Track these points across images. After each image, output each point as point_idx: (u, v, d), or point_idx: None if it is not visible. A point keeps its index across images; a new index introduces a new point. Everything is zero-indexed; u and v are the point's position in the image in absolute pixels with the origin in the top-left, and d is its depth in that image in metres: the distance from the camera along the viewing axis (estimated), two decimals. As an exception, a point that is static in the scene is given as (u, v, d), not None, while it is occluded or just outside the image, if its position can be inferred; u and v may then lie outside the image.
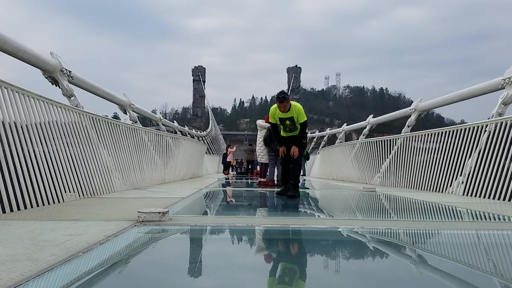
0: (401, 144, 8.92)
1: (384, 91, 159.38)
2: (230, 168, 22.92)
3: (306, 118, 5.74)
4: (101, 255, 2.00)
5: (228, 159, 21.04)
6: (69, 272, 1.66)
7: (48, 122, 4.47)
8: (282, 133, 5.92)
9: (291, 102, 5.62)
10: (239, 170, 23.99)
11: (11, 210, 3.37)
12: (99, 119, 5.94)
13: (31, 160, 3.87)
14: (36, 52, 5.58)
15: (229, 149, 21.53)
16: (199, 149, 15.16)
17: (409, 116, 9.94)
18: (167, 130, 14.64)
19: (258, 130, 9.17)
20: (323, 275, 1.80)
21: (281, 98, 5.45)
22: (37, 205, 3.78)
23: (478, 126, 6.23)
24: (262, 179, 9.02)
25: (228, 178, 14.40)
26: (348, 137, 21.67)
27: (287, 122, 5.67)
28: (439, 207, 4.71)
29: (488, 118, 6.23)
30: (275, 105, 5.63)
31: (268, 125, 8.81)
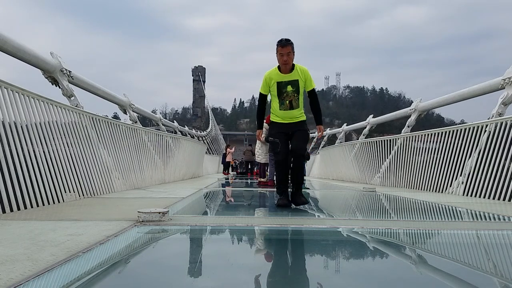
0: (401, 144, 8.92)
1: (384, 91, 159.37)
2: (230, 168, 22.95)
3: (315, 86, 4.27)
4: (101, 255, 2.00)
5: (227, 160, 21.09)
6: (69, 272, 1.66)
7: (48, 122, 4.47)
8: (277, 114, 4.25)
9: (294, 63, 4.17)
10: (239, 170, 24.01)
11: (11, 210, 3.37)
12: (99, 119, 5.94)
13: (31, 160, 3.87)
14: (36, 52, 5.58)
15: (228, 149, 21.59)
16: (199, 149, 15.16)
17: (409, 116, 9.94)
18: (167, 130, 14.64)
19: None
20: (323, 275, 1.79)
21: (284, 41, 4.01)
22: (37, 205, 3.78)
23: (478, 126, 6.23)
24: (262, 179, 9.03)
25: (228, 178, 14.40)
26: (348, 137, 21.68)
27: (289, 88, 4.10)
28: (439, 207, 4.71)
29: (488, 118, 6.24)
30: (273, 68, 4.20)
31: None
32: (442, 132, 7.29)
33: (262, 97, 4.33)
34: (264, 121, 4.98)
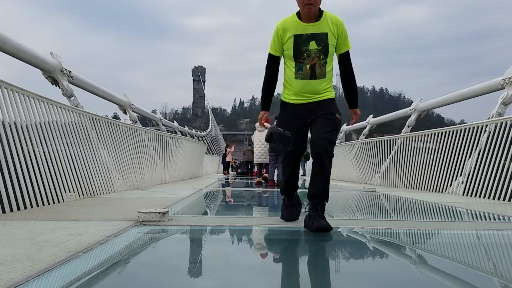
0: (401, 144, 8.93)
1: (384, 91, 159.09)
2: (230, 168, 22.99)
3: (351, 46, 2.82)
4: (101, 255, 2.00)
5: (227, 159, 21.14)
6: (69, 272, 1.66)
7: (48, 122, 4.47)
8: (291, 87, 2.79)
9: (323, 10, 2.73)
10: (239, 170, 24.02)
11: (11, 210, 3.37)
12: (99, 119, 5.94)
13: (31, 160, 3.87)
14: (36, 52, 5.58)
15: (228, 149, 21.66)
16: (199, 149, 15.16)
17: (409, 116, 9.94)
18: (167, 130, 14.64)
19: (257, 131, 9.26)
20: (323, 275, 1.80)
21: None
22: (37, 205, 3.78)
23: (478, 126, 6.23)
24: (259, 179, 9.09)
25: (228, 178, 14.40)
26: (348, 137, 21.65)
27: (312, 45, 2.68)
28: (439, 207, 4.71)
29: (488, 118, 6.24)
30: (289, 16, 2.80)
31: (268, 126, 8.85)
32: (442, 132, 7.29)
33: (272, 60, 2.85)
34: (259, 125, 3.67)
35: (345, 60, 2.83)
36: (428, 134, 8.00)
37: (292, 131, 2.78)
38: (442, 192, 6.71)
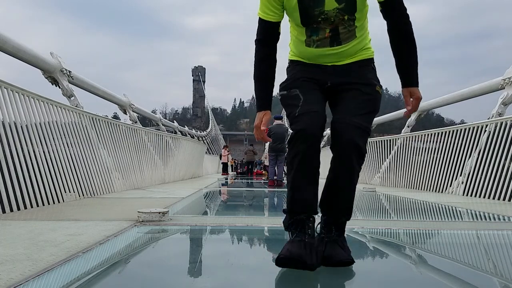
0: (401, 144, 8.93)
1: (384, 91, 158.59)
2: (230, 168, 23.07)
3: None
4: (101, 255, 2.00)
5: (222, 161, 21.29)
6: (69, 272, 1.66)
7: (48, 122, 4.48)
8: (301, 55, 1.80)
9: None
10: (239, 170, 24.06)
11: (11, 210, 3.37)
12: (99, 119, 5.94)
13: (31, 160, 3.87)
14: (36, 52, 5.58)
15: (224, 150, 21.85)
16: (199, 149, 15.17)
17: (409, 116, 9.94)
18: (167, 130, 14.64)
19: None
20: (323, 275, 1.79)
21: None
22: (37, 205, 3.78)
23: (478, 126, 6.23)
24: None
25: (227, 179, 14.41)
26: (348, 137, 21.60)
27: (328, 5, 1.61)
28: (439, 207, 4.71)
29: (488, 118, 6.24)
30: None
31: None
32: (442, 132, 7.29)
33: (266, 28, 1.78)
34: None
35: (392, 8, 1.72)
36: (428, 134, 8.00)
37: (302, 88, 1.75)
38: (442, 192, 6.71)
